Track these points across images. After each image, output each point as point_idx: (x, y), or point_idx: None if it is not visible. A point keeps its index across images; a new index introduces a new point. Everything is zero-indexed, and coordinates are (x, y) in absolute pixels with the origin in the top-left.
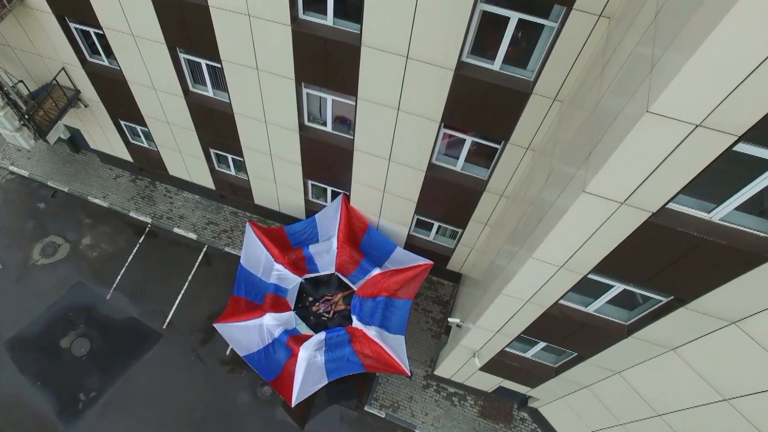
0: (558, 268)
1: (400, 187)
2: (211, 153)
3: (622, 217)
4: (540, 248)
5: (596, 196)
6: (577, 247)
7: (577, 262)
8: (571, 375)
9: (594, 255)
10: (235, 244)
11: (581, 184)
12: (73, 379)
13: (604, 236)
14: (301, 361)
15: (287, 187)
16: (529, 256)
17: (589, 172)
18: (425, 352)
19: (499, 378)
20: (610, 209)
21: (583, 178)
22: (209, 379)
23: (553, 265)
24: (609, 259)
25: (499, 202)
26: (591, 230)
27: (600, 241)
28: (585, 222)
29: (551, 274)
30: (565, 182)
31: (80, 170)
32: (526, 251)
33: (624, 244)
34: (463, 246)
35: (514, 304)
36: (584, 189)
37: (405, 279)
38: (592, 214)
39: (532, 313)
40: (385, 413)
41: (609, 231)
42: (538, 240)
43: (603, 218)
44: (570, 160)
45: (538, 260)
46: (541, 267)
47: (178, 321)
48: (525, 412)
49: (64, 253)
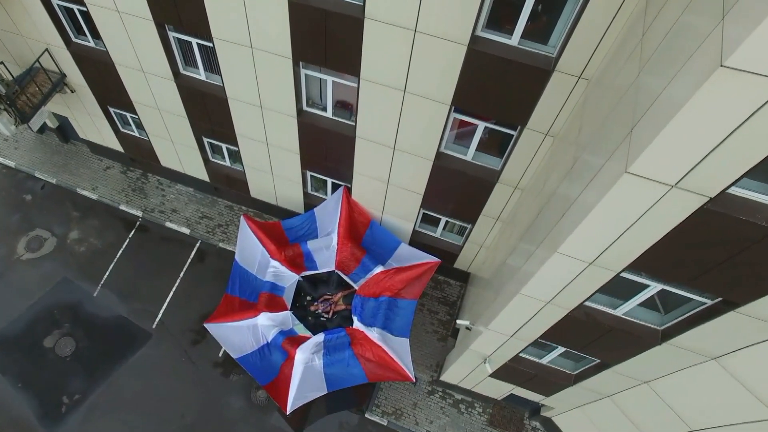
0: (587, 265)
1: (406, 178)
2: (205, 142)
3: (671, 204)
4: (567, 242)
5: (641, 177)
6: (613, 239)
7: (611, 257)
8: (592, 383)
9: (632, 249)
10: (230, 239)
11: (621, 165)
12: (56, 381)
13: (646, 227)
14: (298, 364)
15: (285, 179)
16: (554, 251)
17: (632, 151)
18: (431, 356)
19: (511, 385)
20: (657, 194)
21: (624, 159)
22: (200, 383)
23: (581, 261)
24: (649, 254)
25: (512, 194)
26: (631, 219)
27: (641, 232)
28: (624, 209)
29: (578, 271)
30: (598, 166)
31: (69, 161)
32: (548, 247)
33: (670, 236)
34: (473, 243)
35: (533, 305)
36: (627, 169)
37: (410, 278)
38: (635, 200)
39: (552, 316)
40: (387, 421)
41: (653, 220)
42: (564, 233)
43: (647, 205)
44: (603, 141)
45: (564, 256)
46: (566, 264)
47: (168, 320)
48: (537, 422)
49: (50, 247)
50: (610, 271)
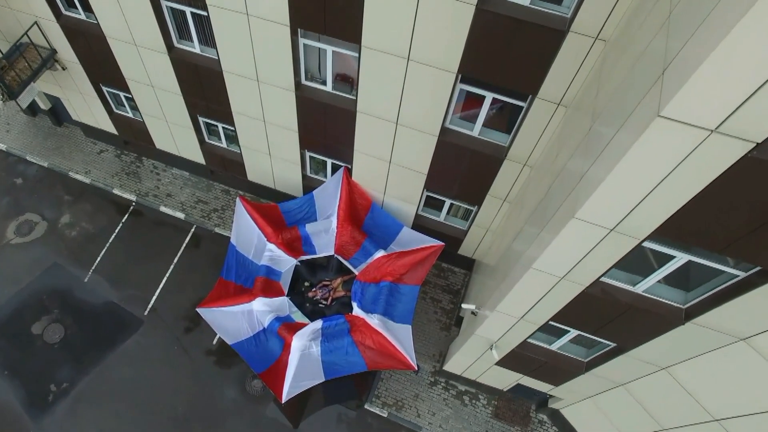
0: (607, 233)
1: (409, 156)
2: (200, 122)
3: (710, 152)
4: (586, 206)
5: (676, 121)
6: (639, 199)
7: (635, 222)
8: (605, 371)
9: (660, 211)
10: (226, 224)
11: (652, 110)
12: (43, 368)
13: (680, 181)
14: (294, 351)
15: (283, 161)
16: (571, 217)
17: (665, 93)
18: (433, 346)
19: (518, 374)
20: (694, 140)
21: (656, 102)
22: (193, 372)
23: (601, 227)
24: (679, 217)
25: (521, 172)
26: (663, 173)
27: (673, 189)
28: (655, 161)
29: (598, 240)
30: (622, 119)
31: (62, 144)
32: (564, 215)
33: (707, 191)
34: (478, 227)
35: (546, 282)
36: (659, 113)
37: (413, 262)
38: (667, 150)
39: (566, 294)
40: (387, 412)
41: (689, 173)
42: (583, 197)
43: (682, 154)
44: (628, 92)
45: (582, 222)
46: (584, 232)
47: (161, 307)
48: (544, 414)
49: (40, 231)
50: (633, 239)
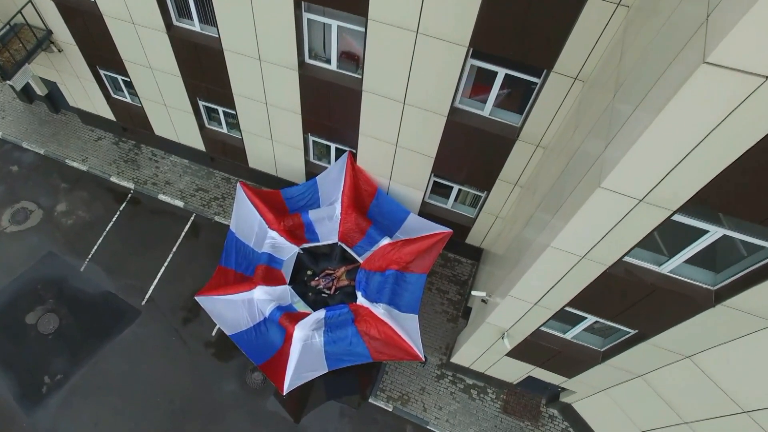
0: (636, 203)
1: (416, 138)
2: (200, 106)
3: (764, 101)
4: (616, 172)
5: (724, 68)
6: (677, 161)
7: (670, 189)
8: (624, 361)
9: (699, 175)
10: (226, 213)
11: (695, 57)
12: (37, 359)
13: (725, 138)
14: (296, 342)
15: (285, 146)
16: (596, 187)
17: (711, 38)
18: (440, 338)
19: (530, 366)
20: (746, 88)
21: (700, 50)
22: (191, 364)
23: (630, 197)
24: (720, 182)
25: (534, 153)
26: (706, 128)
27: (718, 146)
28: (700, 115)
29: (626, 211)
30: (656, 74)
31: (58, 131)
32: (587, 185)
33: (754, 151)
34: (487, 214)
35: (565, 261)
36: (705, 59)
37: (419, 250)
38: (714, 101)
39: (586, 275)
40: (392, 406)
41: (736, 128)
42: (610, 163)
43: (731, 105)
44: (664, 45)
45: (608, 192)
46: (611, 203)
47: (158, 297)
48: (555, 409)
49: (36, 219)
50: (664, 210)
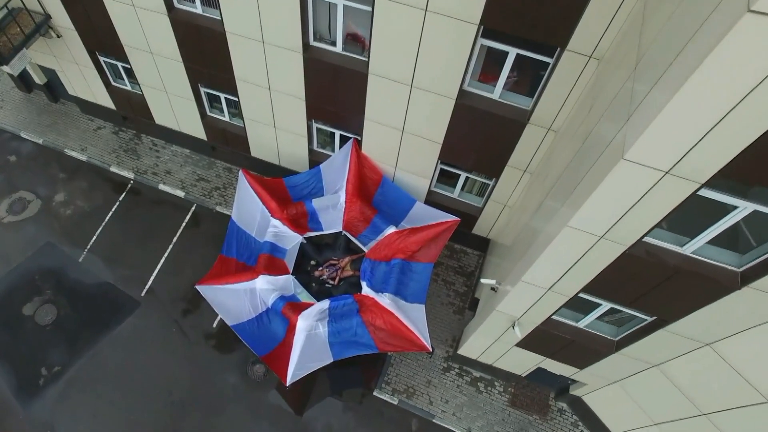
0: (663, 175)
1: (423, 123)
2: (202, 92)
3: None
4: (641, 142)
5: None
6: (711, 125)
7: (700, 158)
8: (639, 350)
9: (734, 141)
10: (228, 203)
11: (740, 5)
12: (34, 351)
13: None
14: (300, 332)
15: (288, 133)
16: (619, 158)
17: None
18: (446, 330)
19: (540, 357)
20: None
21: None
22: (191, 356)
23: (655, 170)
24: (757, 149)
25: (545, 138)
26: (747, 85)
27: (758, 108)
28: (739, 70)
29: (651, 185)
30: (687, 35)
31: (57, 121)
32: (608, 158)
33: None
34: (495, 202)
35: (583, 242)
36: (749, 8)
37: (426, 239)
38: (759, 52)
39: (604, 257)
40: (398, 399)
41: None
42: (635, 131)
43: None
44: (692, 9)
45: (633, 164)
46: (635, 176)
47: (158, 288)
48: (564, 402)
49: (34, 210)
50: (692, 182)
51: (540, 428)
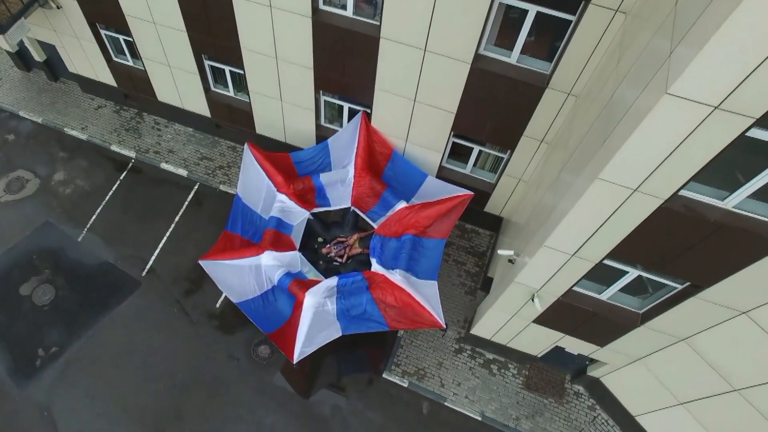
0: (712, 110)
1: (436, 91)
2: (206, 65)
3: None
4: (689, 72)
5: None
6: None
7: (756, 89)
8: (666, 322)
9: None
10: (232, 182)
11: None
12: (31, 332)
13: None
14: (307, 309)
15: (295, 107)
16: (662, 93)
17: None
18: (458, 311)
19: (558, 334)
20: None
21: None
22: (194, 336)
23: (705, 105)
24: None
25: (564, 103)
26: None
27: None
28: None
29: (698, 122)
30: None
31: (57, 100)
32: (648, 97)
33: None
34: (509, 177)
35: (614, 197)
36: None
37: (438, 214)
38: None
39: (638, 212)
40: (408, 382)
41: None
42: (681, 62)
43: None
44: None
45: (679, 99)
46: (681, 112)
47: (160, 268)
48: (580, 385)
49: (32, 189)
50: (745, 118)
51: (556, 411)
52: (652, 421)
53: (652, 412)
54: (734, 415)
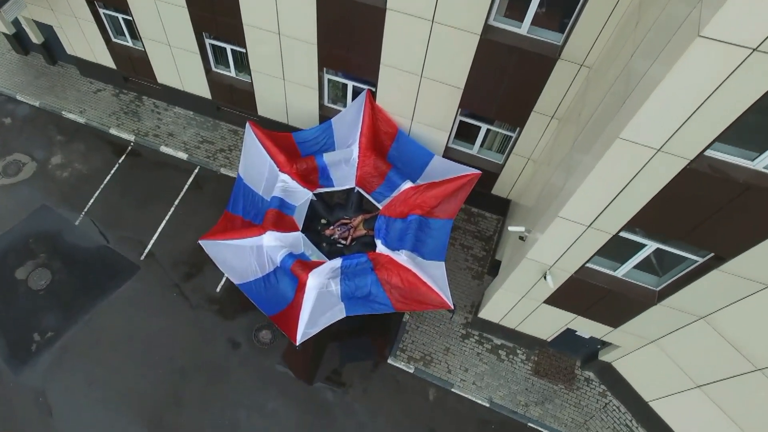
0: (750, 53)
1: (444, 66)
2: (207, 44)
3: None
4: (724, 12)
5: None
6: None
7: None
8: (685, 299)
9: None
10: (233, 165)
11: None
12: (27, 316)
13: None
14: (310, 290)
15: (298, 86)
16: (694, 36)
17: None
18: (465, 296)
19: (570, 316)
20: None
21: None
22: (193, 321)
23: (743, 47)
24: None
25: (577, 75)
26: None
27: None
28: None
29: (734, 66)
30: None
31: (55, 83)
32: (677, 44)
33: None
34: (518, 156)
35: (638, 157)
36: None
37: (445, 193)
38: None
39: (662, 175)
40: (414, 368)
41: None
42: (716, 2)
43: None
44: None
45: (712, 41)
46: (715, 54)
47: (159, 252)
48: (591, 371)
49: (29, 172)
50: None
51: (566, 398)
52: (667, 406)
53: (666, 396)
54: (757, 396)
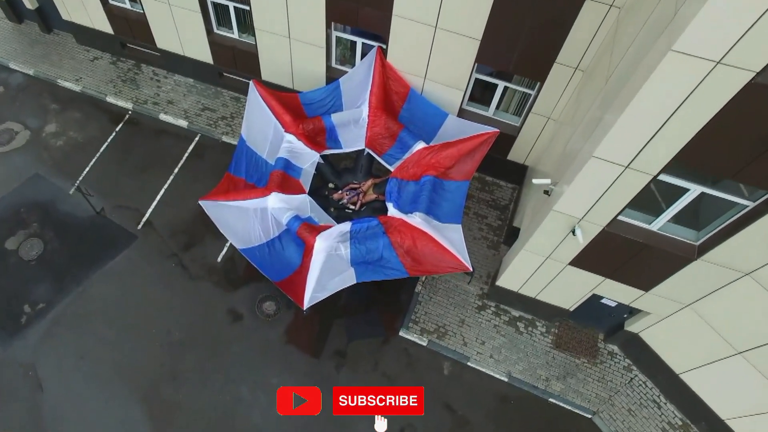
0: None
1: (460, 14)
2: (208, 2)
3: None
4: None
5: None
6: None
7: None
8: (729, 252)
9: None
10: (236, 132)
11: None
12: (17, 287)
13: None
14: (318, 252)
15: (304, 44)
16: None
17: None
18: (480, 266)
19: (598, 278)
20: None
21: None
22: (193, 292)
23: None
24: None
25: (606, 17)
26: None
27: None
28: None
29: None
30: None
31: (50, 52)
32: None
33: None
34: (537, 115)
35: (693, 72)
36: None
37: (460, 153)
38: None
39: (720, 92)
40: (427, 340)
41: None
42: None
43: None
44: None
45: None
46: None
47: (157, 221)
48: (615, 344)
49: (22, 141)
50: None
51: (589, 372)
52: (700, 377)
53: (700, 367)
54: None
